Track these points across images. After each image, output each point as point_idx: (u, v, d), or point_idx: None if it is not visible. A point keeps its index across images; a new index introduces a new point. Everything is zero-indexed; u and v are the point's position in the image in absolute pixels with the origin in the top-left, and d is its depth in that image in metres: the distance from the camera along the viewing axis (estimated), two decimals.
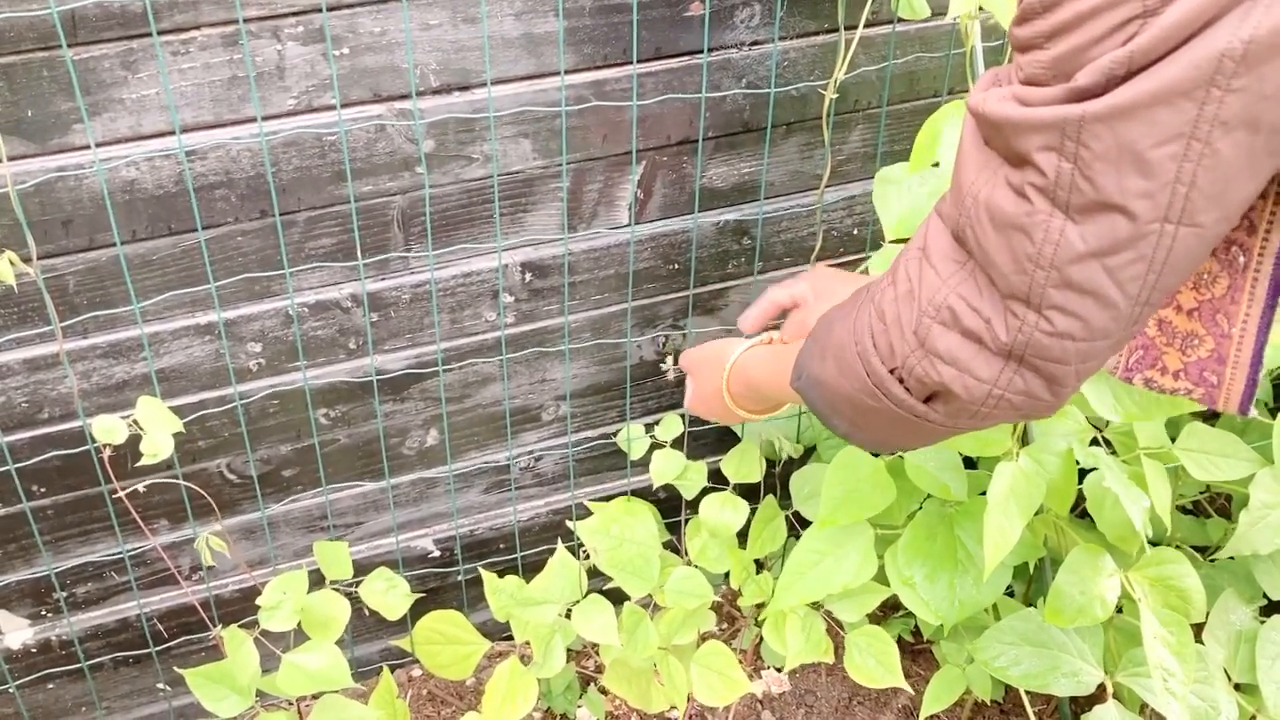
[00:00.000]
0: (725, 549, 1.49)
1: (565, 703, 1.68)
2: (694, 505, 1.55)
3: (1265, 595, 1.52)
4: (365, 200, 1.28)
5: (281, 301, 1.32)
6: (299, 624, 1.30)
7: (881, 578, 1.43)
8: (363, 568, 1.56)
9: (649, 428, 1.59)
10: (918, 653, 1.77)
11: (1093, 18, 0.61)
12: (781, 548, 1.57)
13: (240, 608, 1.53)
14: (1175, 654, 1.27)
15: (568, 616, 1.40)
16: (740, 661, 1.51)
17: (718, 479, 1.56)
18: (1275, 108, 0.59)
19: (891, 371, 0.76)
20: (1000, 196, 0.68)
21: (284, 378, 1.38)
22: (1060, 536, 1.46)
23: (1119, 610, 1.40)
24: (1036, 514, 1.36)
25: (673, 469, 1.50)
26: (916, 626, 1.75)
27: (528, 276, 1.42)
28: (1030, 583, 1.62)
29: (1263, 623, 1.43)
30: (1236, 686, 1.41)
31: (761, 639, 1.72)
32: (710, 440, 1.65)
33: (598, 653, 1.68)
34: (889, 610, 1.77)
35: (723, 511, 1.46)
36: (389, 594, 1.39)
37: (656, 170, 1.40)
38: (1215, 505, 1.77)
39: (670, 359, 1.52)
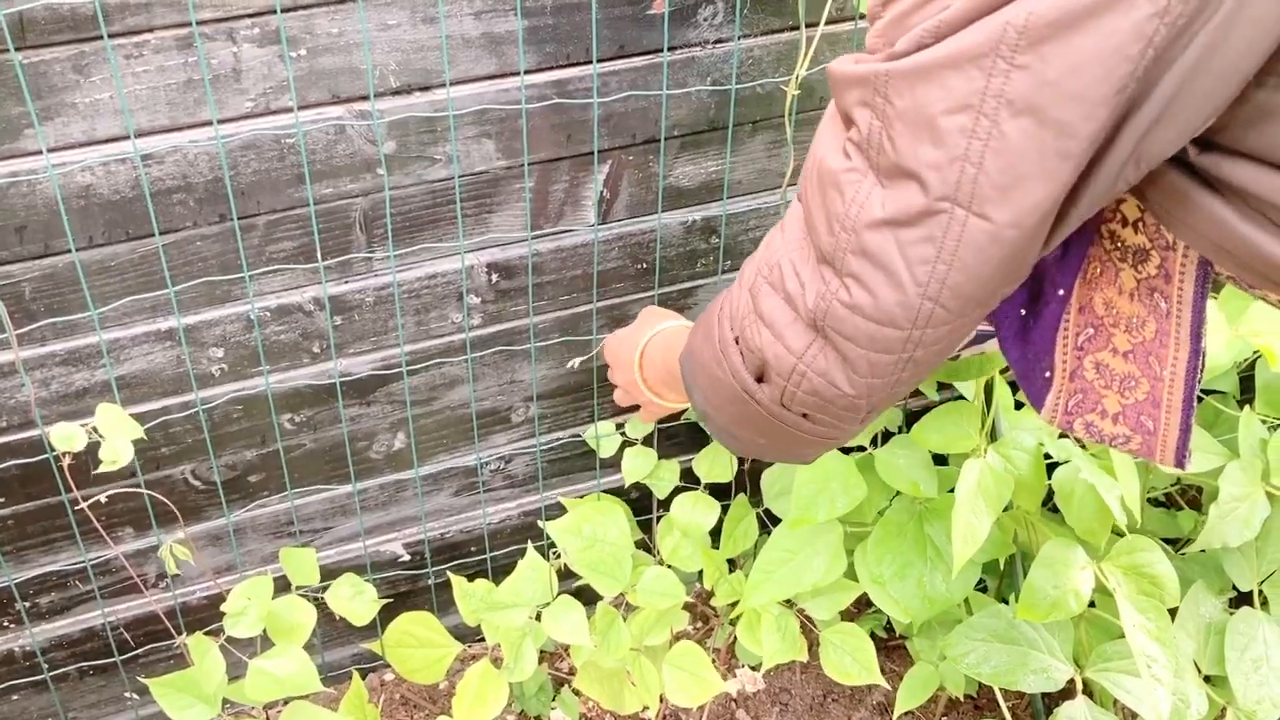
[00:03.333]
0: (697, 548, 1.49)
1: (538, 705, 1.67)
2: (666, 504, 1.55)
3: (1234, 587, 1.53)
4: (326, 203, 1.27)
5: (243, 306, 1.31)
6: (265, 631, 1.29)
7: (852, 575, 1.43)
8: (331, 572, 1.55)
9: (619, 426, 1.58)
10: (891, 649, 1.77)
11: None
12: (753, 546, 1.56)
13: (207, 615, 1.52)
14: (1156, 640, 1.28)
15: (539, 619, 1.39)
16: (714, 660, 1.50)
17: (690, 478, 1.56)
18: (1059, 99, 0.60)
19: (736, 341, 0.78)
20: (830, 155, 0.70)
21: (247, 383, 1.36)
22: (1030, 532, 1.46)
23: (1090, 604, 1.40)
24: (1005, 510, 1.37)
25: (644, 467, 1.49)
26: (889, 623, 1.75)
27: (494, 277, 1.41)
28: (1001, 579, 1.62)
29: (1232, 614, 1.44)
30: (1206, 679, 1.42)
31: (735, 638, 1.72)
32: (682, 439, 1.64)
33: (570, 654, 1.67)
34: (862, 607, 1.77)
35: (694, 511, 1.45)
36: (356, 600, 1.38)
37: (622, 169, 1.39)
38: (1186, 497, 1.78)
39: (577, 360, 1.50)
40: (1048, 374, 0.86)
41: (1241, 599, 1.56)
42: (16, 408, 1.27)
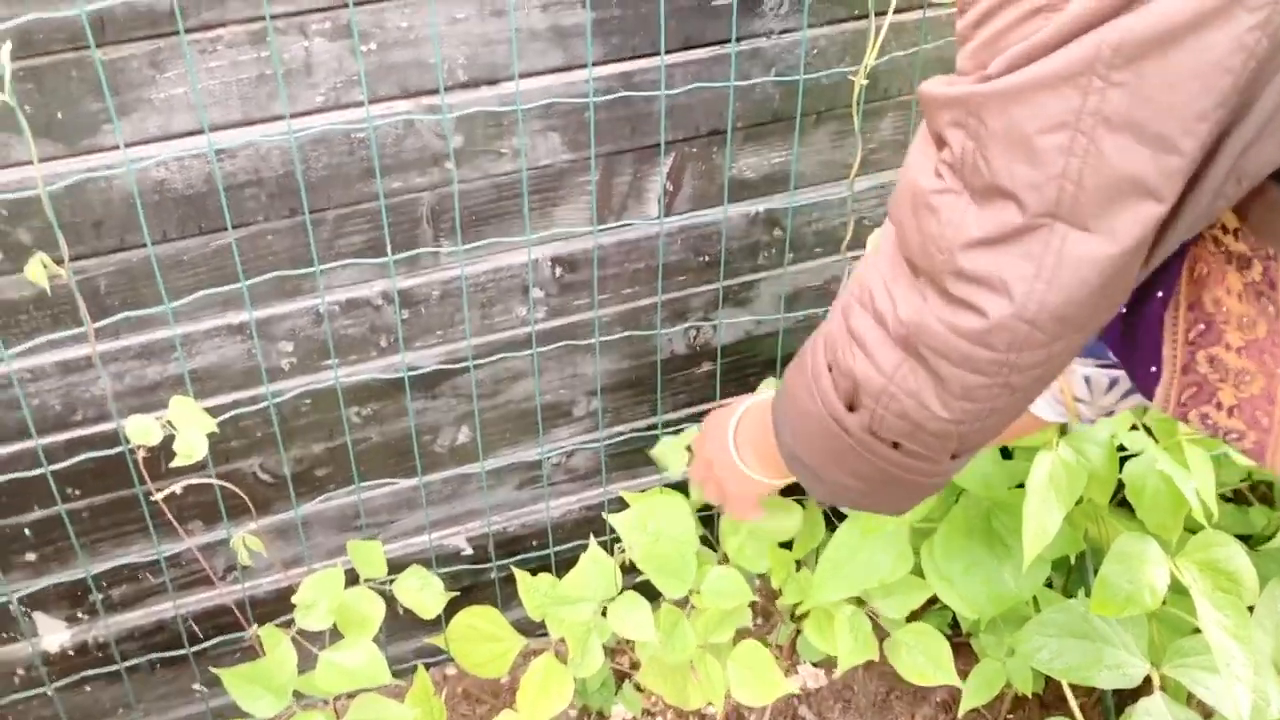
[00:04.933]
0: (765, 547, 1.48)
1: (600, 699, 1.67)
2: None
3: None
4: (395, 197, 1.28)
5: (313, 300, 1.32)
6: (334, 624, 1.30)
7: (917, 571, 1.41)
8: (396, 566, 1.55)
9: (677, 427, 1.58)
10: (955, 646, 1.75)
11: (1006, 7, 0.63)
12: (819, 545, 1.55)
13: (275, 608, 1.53)
14: (1234, 637, 1.25)
15: (603, 614, 1.39)
16: (776, 656, 1.49)
17: None
18: (1158, 115, 0.59)
19: (829, 368, 0.77)
20: (923, 176, 0.69)
21: (316, 376, 1.38)
22: (1100, 527, 1.44)
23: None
24: (1076, 504, 1.34)
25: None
26: (954, 620, 1.73)
27: (558, 271, 1.41)
28: (1069, 575, 1.60)
29: None
30: None
31: (799, 633, 1.71)
32: None
33: (633, 649, 1.67)
34: (925, 605, 1.75)
35: (775, 518, 1.44)
36: (423, 592, 1.39)
37: (686, 162, 1.39)
38: (1257, 493, 1.74)
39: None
40: (1154, 369, 0.85)
41: None
42: (91, 401, 1.29)
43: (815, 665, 1.75)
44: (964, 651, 1.75)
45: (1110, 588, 1.29)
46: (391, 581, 1.40)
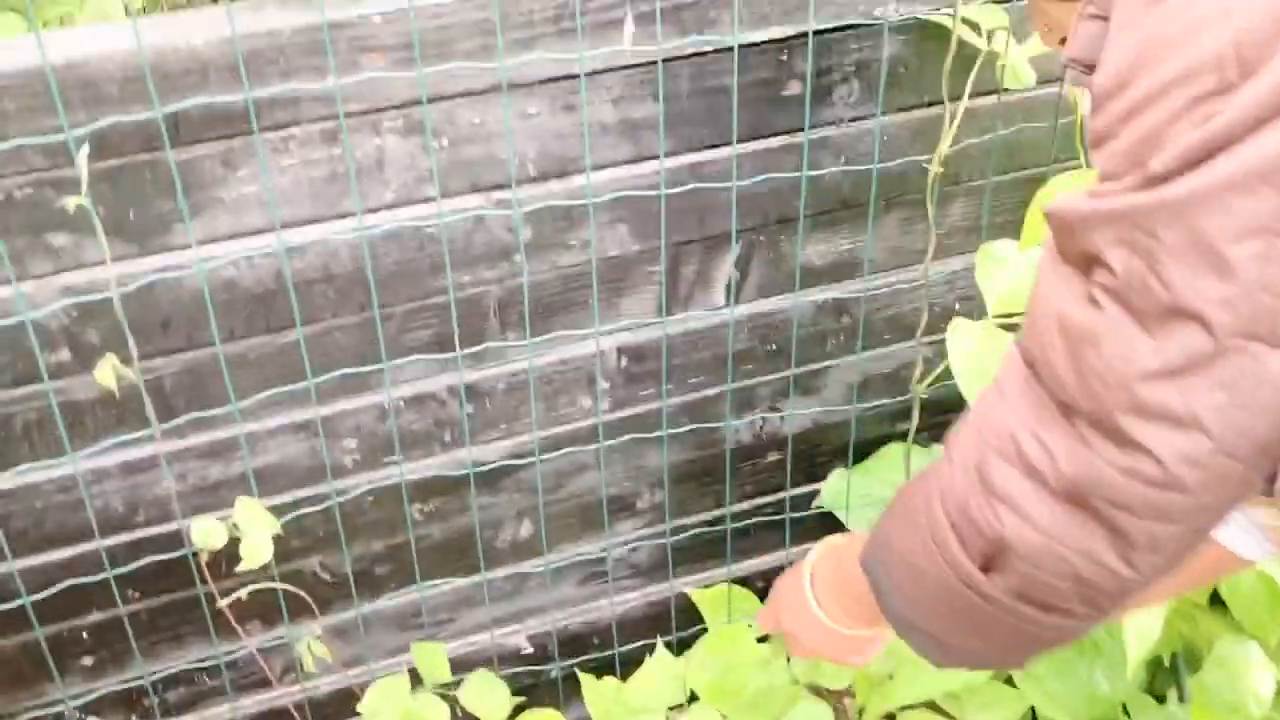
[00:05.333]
0: None
1: None
2: None
3: None
4: (462, 291, 1.26)
5: (378, 396, 1.29)
6: None
7: (1004, 674, 1.36)
8: (456, 665, 1.51)
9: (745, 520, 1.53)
10: None
11: (1166, 94, 0.55)
12: None
13: (335, 709, 1.49)
14: None
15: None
16: None
17: None
18: None
19: (953, 527, 0.67)
20: (1071, 306, 0.61)
21: (380, 472, 1.35)
22: (1194, 626, 1.38)
23: None
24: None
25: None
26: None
27: (624, 361, 1.38)
28: (1155, 675, 1.53)
29: None
30: None
31: None
32: (811, 527, 1.59)
33: None
34: None
35: None
36: (489, 697, 1.34)
37: (754, 250, 1.37)
38: None
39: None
40: None
41: None
42: (154, 501, 1.27)
43: None
44: None
45: (1211, 694, 1.23)
46: (456, 684, 1.36)
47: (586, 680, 1.42)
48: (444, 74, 1.12)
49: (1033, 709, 1.55)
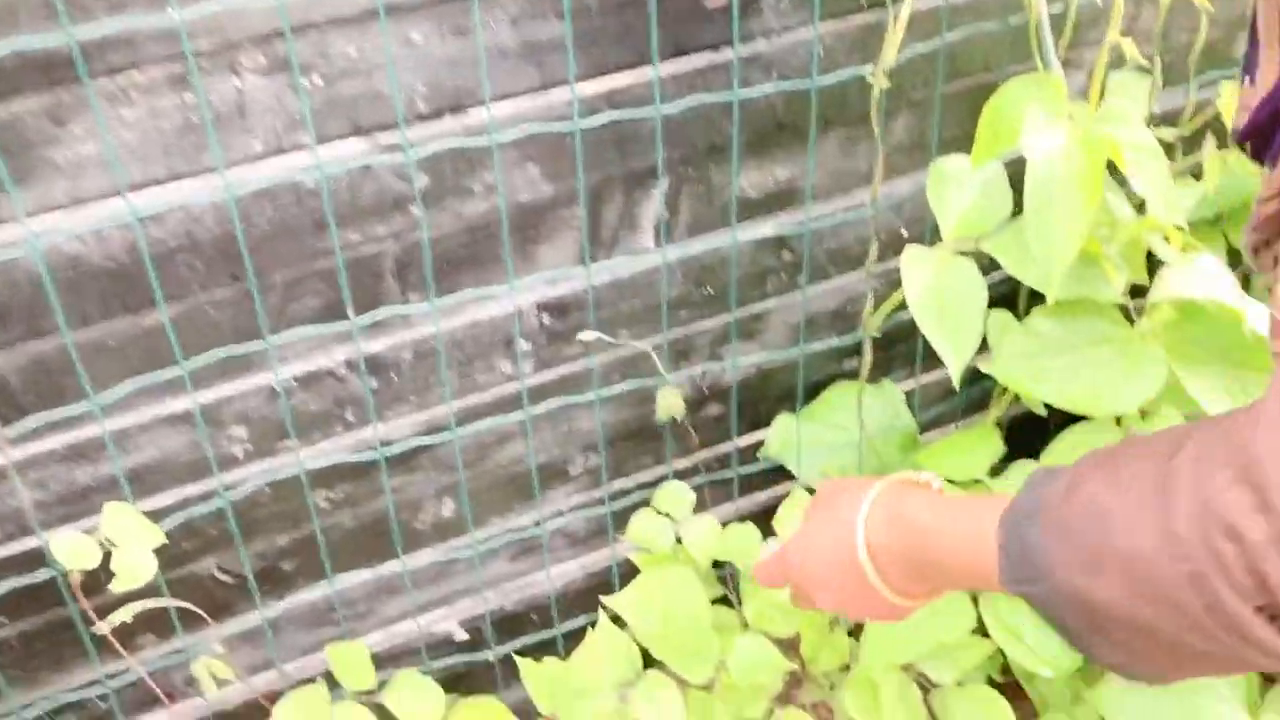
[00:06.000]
0: (791, 610, 1.31)
1: None
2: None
3: None
4: (353, 250, 1.10)
5: (266, 376, 1.13)
6: None
7: (979, 627, 1.26)
8: (380, 660, 1.38)
9: (691, 471, 1.41)
10: (1002, 688, 1.60)
11: None
12: None
13: (250, 716, 1.34)
14: None
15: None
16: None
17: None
18: None
19: (1259, 610, 0.53)
20: None
21: (276, 461, 1.19)
22: None
23: None
24: None
25: (710, 540, 1.31)
26: (1005, 663, 1.58)
27: (545, 318, 1.23)
28: None
29: None
30: None
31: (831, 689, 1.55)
32: (758, 479, 1.47)
33: None
34: None
35: None
36: (418, 698, 1.21)
37: (682, 184, 1.22)
38: None
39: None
40: None
41: None
42: (10, 515, 1.10)
43: None
44: (1013, 693, 1.60)
45: None
46: (383, 685, 1.22)
47: (525, 665, 1.29)
48: None
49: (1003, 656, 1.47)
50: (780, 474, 1.45)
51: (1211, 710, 1.17)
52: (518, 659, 1.30)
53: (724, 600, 1.49)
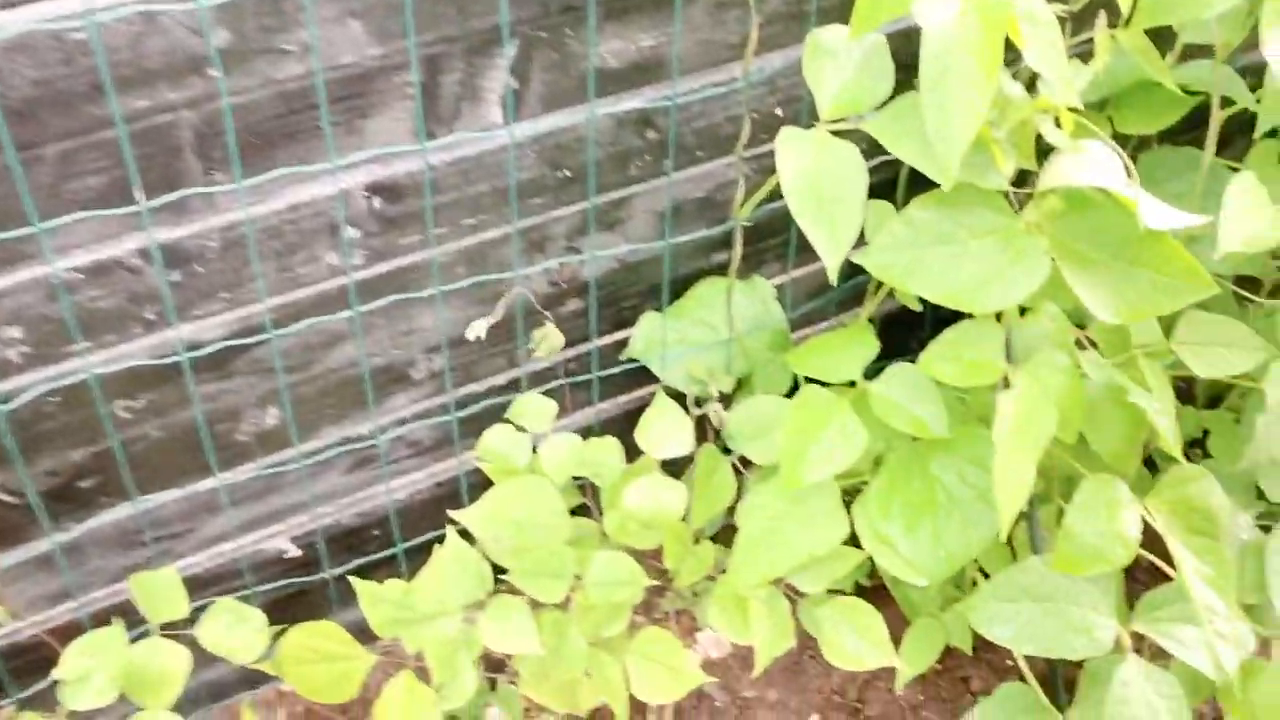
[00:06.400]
0: (655, 521, 1.22)
1: (471, 710, 1.40)
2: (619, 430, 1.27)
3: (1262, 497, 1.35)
4: (141, 120, 0.93)
5: (40, 268, 0.96)
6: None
7: (851, 537, 1.19)
8: (203, 581, 1.25)
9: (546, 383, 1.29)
10: (869, 592, 1.56)
11: None
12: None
13: (44, 656, 1.20)
14: (1215, 588, 1.08)
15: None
16: (667, 625, 1.26)
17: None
18: None
19: None
20: None
21: (61, 367, 1.03)
22: (1046, 462, 1.23)
23: None
24: None
25: (568, 458, 1.20)
26: (873, 565, 1.53)
27: (376, 202, 1.09)
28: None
29: (1267, 531, 1.25)
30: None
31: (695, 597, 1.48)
32: (620, 381, 1.36)
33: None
34: None
35: (658, 495, 1.17)
36: (238, 631, 1.08)
37: (533, 50, 1.07)
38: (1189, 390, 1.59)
39: (482, 324, 1.16)
40: None
41: (1269, 513, 1.38)
42: None
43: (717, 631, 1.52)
44: (880, 597, 1.55)
45: (1075, 541, 1.09)
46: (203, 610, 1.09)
47: (362, 587, 1.17)
48: None
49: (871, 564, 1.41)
50: (644, 376, 1.34)
51: (1081, 618, 1.13)
52: (353, 580, 1.18)
53: (583, 510, 1.39)
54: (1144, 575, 1.35)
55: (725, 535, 1.28)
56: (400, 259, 1.13)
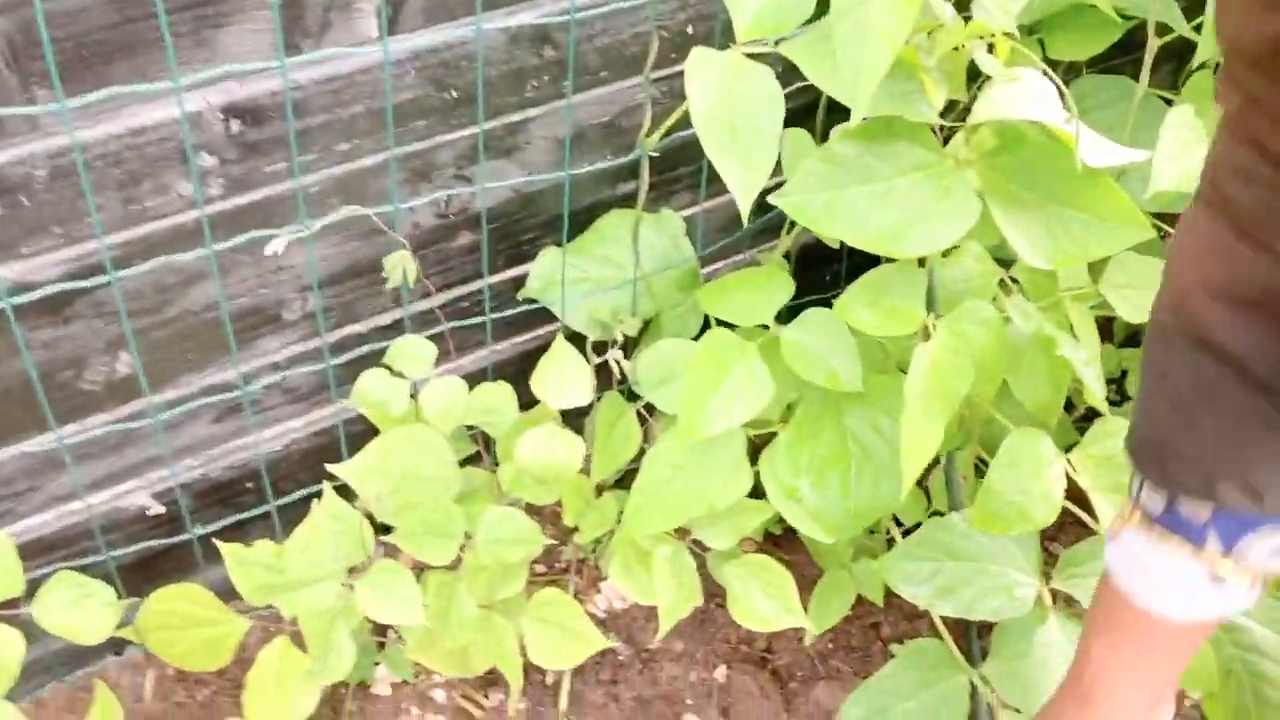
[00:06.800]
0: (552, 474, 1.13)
1: (359, 669, 1.31)
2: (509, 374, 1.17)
3: None
4: None
5: None
6: None
7: (757, 490, 1.11)
8: (50, 544, 1.13)
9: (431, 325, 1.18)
10: (782, 539, 1.50)
11: None
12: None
13: None
14: None
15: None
16: (566, 580, 1.18)
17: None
18: None
19: None
20: None
21: None
22: (970, 410, 1.17)
23: None
24: None
25: (454, 405, 1.09)
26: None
27: (234, 126, 0.96)
28: (928, 473, 1.35)
29: None
30: None
31: (596, 548, 1.40)
32: (517, 322, 1.26)
33: None
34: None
35: (552, 447, 1.08)
36: (81, 608, 0.97)
37: None
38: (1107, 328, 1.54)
39: (281, 242, 0.98)
40: None
41: None
42: None
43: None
44: (793, 544, 1.50)
45: (997, 499, 1.04)
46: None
47: (229, 550, 1.07)
48: None
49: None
50: (543, 317, 1.24)
51: (1001, 576, 1.07)
52: (219, 544, 1.07)
53: (479, 461, 1.29)
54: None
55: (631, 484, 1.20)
56: (264, 189, 1.00)
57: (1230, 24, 0.56)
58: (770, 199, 0.96)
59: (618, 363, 1.08)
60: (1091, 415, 1.50)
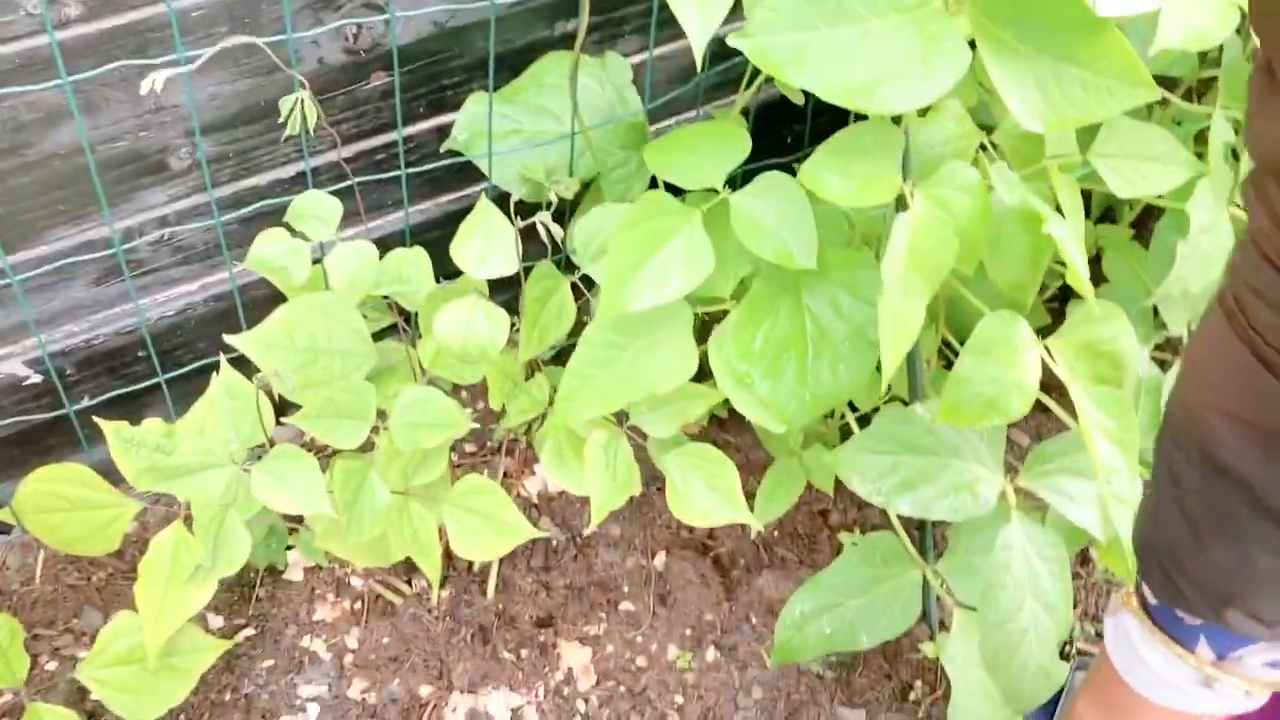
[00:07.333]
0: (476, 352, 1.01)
1: (269, 553, 1.22)
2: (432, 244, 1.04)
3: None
4: None
5: None
6: None
7: (702, 373, 1.00)
8: None
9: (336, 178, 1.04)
10: (723, 422, 1.40)
11: None
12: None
13: None
14: (1119, 445, 0.94)
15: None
16: (505, 473, 1.09)
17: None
18: None
19: None
20: None
21: None
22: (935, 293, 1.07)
23: None
24: None
25: (362, 273, 0.95)
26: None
27: None
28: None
29: (1164, 367, 1.12)
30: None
31: (529, 430, 1.30)
32: (440, 179, 1.12)
33: None
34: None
35: (471, 323, 0.96)
36: None
37: None
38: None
39: (159, 76, 0.78)
40: None
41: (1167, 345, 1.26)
42: None
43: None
44: (739, 425, 1.40)
45: (967, 389, 0.93)
46: None
47: (112, 430, 0.95)
48: None
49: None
50: (468, 174, 1.11)
51: (964, 473, 0.98)
52: (101, 422, 0.95)
53: (394, 332, 1.17)
54: None
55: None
56: (132, 12, 0.85)
57: (1270, 141, 0.52)
58: (729, 40, 0.83)
59: (545, 227, 0.95)
60: (1061, 298, 1.41)
